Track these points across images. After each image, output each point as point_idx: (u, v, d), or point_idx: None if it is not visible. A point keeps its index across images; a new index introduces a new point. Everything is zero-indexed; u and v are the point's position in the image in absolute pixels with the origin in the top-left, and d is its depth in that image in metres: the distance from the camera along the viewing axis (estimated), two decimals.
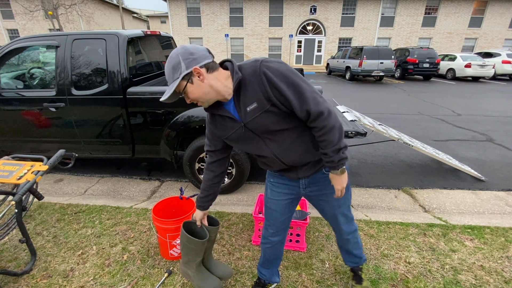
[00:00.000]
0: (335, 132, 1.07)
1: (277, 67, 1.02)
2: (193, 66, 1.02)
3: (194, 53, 1.03)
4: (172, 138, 2.71)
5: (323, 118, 1.05)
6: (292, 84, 1.02)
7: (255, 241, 2.10)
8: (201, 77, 1.04)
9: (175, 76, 1.04)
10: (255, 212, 2.11)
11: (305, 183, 1.31)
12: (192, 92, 1.07)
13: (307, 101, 1.03)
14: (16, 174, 1.78)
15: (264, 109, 1.07)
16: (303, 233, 2.01)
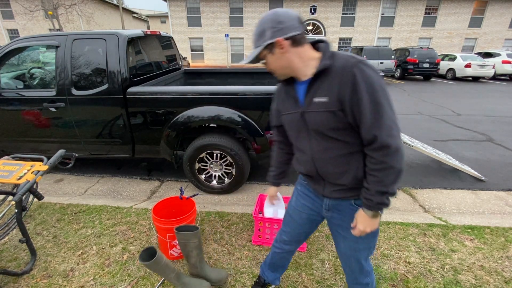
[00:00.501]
0: (392, 174, 0.94)
1: (370, 75, 0.89)
2: (277, 37, 0.94)
3: (283, 21, 0.93)
4: (172, 138, 2.71)
5: (386, 153, 0.92)
6: (376, 101, 0.89)
7: (255, 241, 2.10)
8: (283, 49, 0.96)
9: (259, 43, 0.98)
10: (255, 212, 2.11)
11: (328, 204, 1.17)
12: (270, 62, 1.02)
13: (381, 126, 0.90)
14: (16, 174, 1.78)
15: (330, 109, 0.96)
16: None
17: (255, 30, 0.99)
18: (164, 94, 2.59)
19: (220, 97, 2.55)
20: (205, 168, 2.90)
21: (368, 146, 0.95)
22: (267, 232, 2.06)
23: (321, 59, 0.97)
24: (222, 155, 2.78)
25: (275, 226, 2.02)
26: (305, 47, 0.99)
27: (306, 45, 0.99)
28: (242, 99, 2.54)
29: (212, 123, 2.66)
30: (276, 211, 2.10)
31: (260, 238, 2.10)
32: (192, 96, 2.57)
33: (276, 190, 1.52)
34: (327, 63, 0.94)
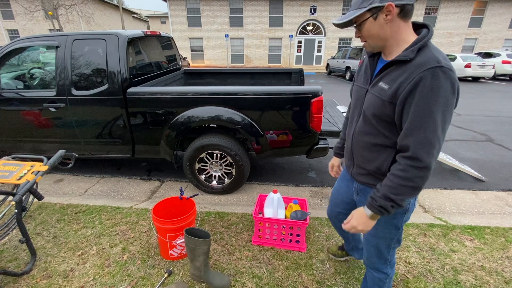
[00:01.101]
0: (408, 187, 0.92)
1: (440, 84, 0.83)
2: (389, 1, 0.87)
3: None
4: (172, 138, 2.71)
5: (415, 165, 0.89)
6: (429, 110, 0.84)
7: (255, 241, 2.10)
8: (389, 16, 0.90)
9: (364, 4, 0.91)
10: (255, 213, 2.11)
11: (357, 188, 1.23)
12: (369, 28, 0.94)
13: (419, 139, 0.87)
14: (16, 174, 1.78)
15: (384, 98, 0.95)
16: (303, 233, 2.00)
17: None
18: (164, 94, 2.59)
19: (220, 97, 2.56)
20: (205, 168, 2.90)
21: (401, 152, 0.94)
22: (267, 232, 2.06)
23: (409, 47, 0.91)
24: (222, 155, 2.78)
25: (275, 226, 2.02)
26: (409, 23, 0.94)
27: (410, 22, 0.94)
28: (242, 99, 2.54)
29: (212, 123, 2.66)
30: (276, 211, 2.10)
31: (260, 238, 2.09)
32: (192, 96, 2.57)
33: (338, 161, 1.51)
34: (409, 56, 0.90)
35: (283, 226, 2.03)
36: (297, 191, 3.04)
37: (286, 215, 2.13)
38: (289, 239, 2.05)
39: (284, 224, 2.02)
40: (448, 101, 0.84)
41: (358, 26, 0.97)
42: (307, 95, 2.47)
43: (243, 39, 21.98)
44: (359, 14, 0.91)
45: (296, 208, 2.14)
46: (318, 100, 2.47)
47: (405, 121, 0.90)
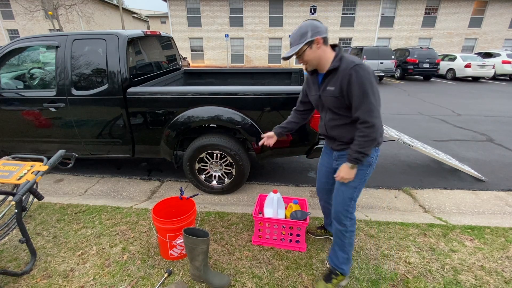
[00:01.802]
0: (368, 141, 1.37)
1: (363, 74, 1.31)
2: (317, 36, 1.36)
3: (318, 27, 1.37)
4: (172, 138, 2.71)
5: (366, 126, 1.35)
6: (363, 92, 1.32)
7: (255, 241, 2.10)
8: (318, 45, 1.39)
9: (301, 40, 1.37)
10: (255, 212, 2.11)
11: (336, 156, 1.65)
12: (307, 55, 1.41)
13: (363, 109, 1.34)
14: (16, 174, 1.78)
15: (335, 95, 1.42)
16: (303, 233, 2.01)
17: (295, 33, 1.40)
18: (164, 94, 2.59)
19: (220, 97, 2.56)
20: (205, 168, 2.90)
21: (356, 122, 1.41)
22: (267, 232, 2.06)
23: (333, 60, 1.41)
24: (222, 155, 2.78)
25: (275, 226, 2.02)
26: (328, 47, 1.43)
27: (329, 46, 1.44)
28: (242, 99, 2.54)
29: (212, 123, 2.66)
30: (276, 211, 2.10)
31: (260, 238, 2.09)
32: (192, 96, 2.57)
33: (274, 136, 1.87)
34: (336, 64, 1.39)
35: (283, 226, 2.03)
36: (297, 191, 3.04)
37: (286, 215, 2.13)
38: (289, 239, 2.04)
39: (284, 224, 2.02)
40: (371, 82, 1.32)
41: (300, 56, 1.44)
42: None
43: (243, 39, 21.98)
44: (300, 48, 1.38)
45: (296, 208, 2.14)
46: None
47: (352, 102, 1.38)
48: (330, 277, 1.69)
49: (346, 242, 1.63)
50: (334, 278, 1.68)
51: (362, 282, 1.75)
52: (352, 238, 1.64)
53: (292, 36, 1.40)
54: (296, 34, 1.39)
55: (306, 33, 1.35)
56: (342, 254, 1.66)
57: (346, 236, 1.62)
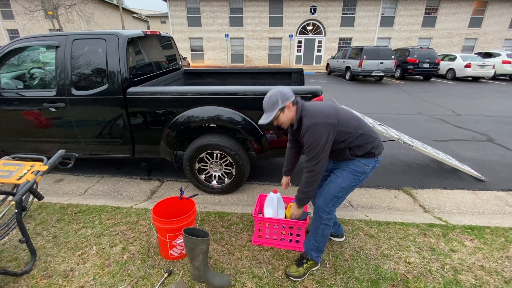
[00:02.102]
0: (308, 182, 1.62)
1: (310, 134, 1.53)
2: (286, 102, 1.58)
3: (286, 94, 1.58)
4: (172, 138, 2.71)
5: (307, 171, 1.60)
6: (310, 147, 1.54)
7: (255, 241, 2.10)
8: (289, 109, 1.60)
9: (274, 108, 1.58)
10: (255, 212, 2.11)
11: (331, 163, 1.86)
12: (281, 118, 1.62)
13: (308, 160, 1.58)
14: (16, 174, 1.78)
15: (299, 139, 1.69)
16: (303, 233, 2.01)
17: (267, 102, 1.59)
18: (164, 94, 2.59)
19: (220, 97, 2.55)
20: (205, 168, 2.90)
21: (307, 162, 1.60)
22: (267, 232, 2.06)
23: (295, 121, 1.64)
24: (222, 155, 2.78)
25: (275, 226, 2.02)
26: (295, 106, 1.63)
27: (296, 104, 1.63)
28: (242, 99, 2.54)
29: (212, 123, 2.66)
30: (276, 211, 2.09)
31: (260, 238, 2.09)
32: (192, 96, 2.57)
33: (287, 178, 2.06)
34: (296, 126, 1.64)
35: (283, 226, 2.03)
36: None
37: (286, 215, 2.13)
38: (289, 239, 2.05)
39: (284, 224, 2.02)
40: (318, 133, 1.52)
41: (275, 120, 1.63)
42: (307, 95, 2.47)
43: (243, 39, 21.97)
44: (274, 114, 1.59)
45: None
46: (318, 100, 2.47)
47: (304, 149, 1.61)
48: (302, 262, 1.83)
49: (319, 232, 1.77)
50: (305, 263, 1.82)
51: (362, 282, 1.75)
52: (325, 231, 1.77)
53: (265, 104, 1.60)
54: (269, 102, 1.58)
55: (277, 101, 1.56)
56: (313, 241, 1.80)
57: (319, 227, 1.76)
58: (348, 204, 2.79)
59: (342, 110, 1.64)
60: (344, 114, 1.61)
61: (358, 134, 1.61)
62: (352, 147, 1.63)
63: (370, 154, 1.65)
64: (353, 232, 2.25)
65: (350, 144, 1.61)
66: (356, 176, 1.68)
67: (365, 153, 1.64)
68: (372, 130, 1.67)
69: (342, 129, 1.58)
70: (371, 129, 1.68)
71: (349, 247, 2.07)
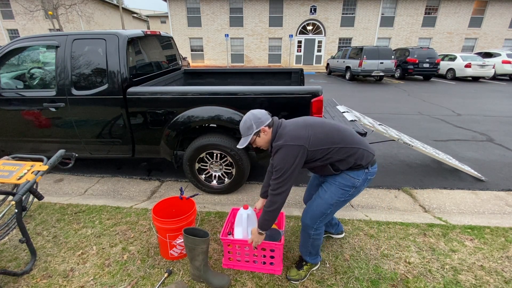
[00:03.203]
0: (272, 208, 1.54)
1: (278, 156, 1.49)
2: (261, 127, 1.55)
3: (260, 118, 1.55)
4: (172, 138, 2.71)
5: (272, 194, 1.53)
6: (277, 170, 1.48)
7: (225, 264, 1.88)
8: (265, 132, 1.57)
9: (249, 132, 1.56)
10: (223, 233, 1.89)
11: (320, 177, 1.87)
12: (258, 142, 1.61)
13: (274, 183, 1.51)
14: (16, 174, 1.78)
15: None
16: (278, 255, 1.79)
17: (242, 126, 1.57)
18: (164, 94, 2.59)
19: (220, 97, 2.55)
20: (205, 168, 2.90)
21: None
22: (238, 255, 1.84)
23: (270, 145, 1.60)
24: (222, 155, 2.78)
25: (246, 248, 1.79)
26: (271, 128, 1.58)
27: (272, 126, 1.58)
28: (242, 99, 2.54)
29: (212, 123, 2.66)
30: (247, 231, 1.86)
31: (231, 261, 1.88)
32: (192, 96, 2.57)
33: (263, 202, 1.93)
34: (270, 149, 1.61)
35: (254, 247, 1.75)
36: (297, 190, 3.04)
37: None
38: (262, 261, 1.81)
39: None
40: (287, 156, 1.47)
41: (253, 143, 1.63)
42: (307, 95, 2.47)
43: (243, 39, 21.97)
44: (250, 139, 1.57)
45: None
46: (318, 100, 2.47)
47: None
48: (301, 264, 1.82)
49: (309, 244, 1.74)
50: (305, 265, 1.82)
51: (362, 282, 1.75)
52: (316, 241, 1.73)
53: (240, 129, 1.59)
54: (243, 127, 1.57)
55: (251, 126, 1.54)
56: (304, 248, 1.79)
57: (308, 240, 1.73)
58: (348, 204, 2.79)
59: (317, 128, 1.52)
60: (318, 133, 1.50)
61: (336, 148, 1.50)
62: (333, 162, 1.53)
63: (357, 167, 1.54)
64: (353, 232, 2.25)
65: (329, 160, 1.52)
66: (345, 190, 1.57)
67: (349, 167, 1.54)
68: (355, 141, 1.54)
69: (315, 148, 1.48)
70: (355, 139, 1.55)
71: (349, 247, 2.07)
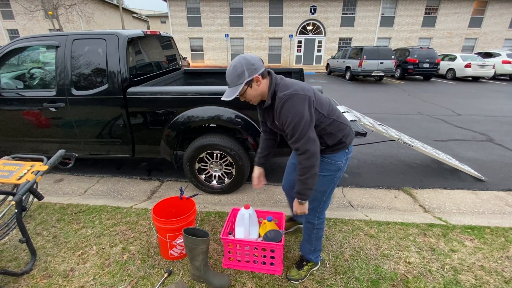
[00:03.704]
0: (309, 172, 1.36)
1: (289, 106, 1.31)
2: (254, 75, 1.33)
3: (254, 64, 1.33)
4: (172, 138, 2.71)
5: (304, 158, 1.34)
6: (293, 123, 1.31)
7: (226, 264, 1.88)
8: (258, 82, 1.36)
9: (239, 81, 1.33)
10: (224, 232, 1.87)
11: None
12: (250, 94, 1.39)
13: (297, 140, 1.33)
14: (16, 174, 1.78)
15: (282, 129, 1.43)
16: (278, 255, 1.78)
17: (231, 73, 1.33)
18: (164, 94, 2.59)
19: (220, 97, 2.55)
20: (205, 168, 2.90)
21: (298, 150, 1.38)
22: (238, 255, 1.84)
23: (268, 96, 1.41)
24: (222, 155, 2.78)
25: (246, 248, 1.79)
26: (267, 78, 1.40)
27: (267, 76, 1.40)
28: None
29: (212, 123, 2.66)
30: (248, 231, 1.88)
31: (231, 261, 1.87)
32: (192, 96, 2.57)
33: (261, 170, 1.80)
34: (268, 103, 1.42)
35: (255, 247, 1.78)
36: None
37: (260, 234, 1.93)
38: (262, 262, 1.81)
39: (256, 246, 1.77)
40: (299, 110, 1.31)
41: (242, 95, 1.41)
42: None
43: (243, 39, 21.98)
44: (240, 89, 1.34)
45: (271, 227, 1.92)
46: None
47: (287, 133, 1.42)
48: (302, 264, 1.81)
49: (313, 236, 1.73)
50: (305, 265, 1.80)
51: (362, 282, 1.75)
52: (319, 233, 1.73)
53: (228, 77, 1.34)
54: (232, 74, 1.32)
55: (242, 73, 1.31)
56: (309, 246, 1.77)
57: (313, 232, 1.72)
58: (348, 204, 2.79)
59: (317, 93, 1.46)
60: (319, 96, 1.44)
61: (331, 119, 1.44)
62: (323, 134, 1.45)
63: (340, 145, 1.49)
64: (353, 232, 2.25)
65: (322, 131, 1.44)
66: (332, 175, 1.55)
67: (335, 143, 1.47)
68: (344, 117, 1.53)
69: (318, 108, 1.39)
70: (343, 116, 1.54)
71: (349, 247, 2.07)
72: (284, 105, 1.31)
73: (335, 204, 2.80)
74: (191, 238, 1.61)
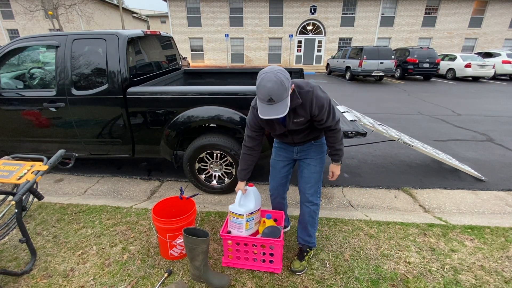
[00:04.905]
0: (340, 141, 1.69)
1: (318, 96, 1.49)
2: (291, 85, 1.42)
3: (286, 72, 1.36)
4: (172, 138, 2.71)
5: (336, 132, 1.66)
6: (326, 110, 1.53)
7: (225, 262, 1.88)
8: (291, 91, 1.44)
9: (285, 95, 1.34)
10: (224, 230, 1.89)
11: (297, 149, 1.83)
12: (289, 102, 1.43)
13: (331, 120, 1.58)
14: (16, 174, 1.78)
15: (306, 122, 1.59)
16: (277, 253, 1.77)
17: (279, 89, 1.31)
18: (164, 94, 2.59)
19: (220, 97, 2.55)
20: (205, 168, 2.90)
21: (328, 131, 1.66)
22: (237, 252, 1.84)
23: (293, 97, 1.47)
24: (222, 155, 2.78)
25: (245, 245, 1.81)
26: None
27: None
28: (242, 99, 2.54)
29: (212, 123, 2.66)
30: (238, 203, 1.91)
31: (231, 259, 1.87)
32: (192, 96, 2.57)
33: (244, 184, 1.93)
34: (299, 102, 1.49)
35: (254, 245, 1.78)
36: (297, 190, 3.04)
37: (259, 231, 1.94)
38: (261, 259, 1.80)
39: (255, 243, 1.78)
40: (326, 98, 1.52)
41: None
42: None
43: (243, 39, 21.97)
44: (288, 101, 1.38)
45: (270, 223, 1.93)
46: None
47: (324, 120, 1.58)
48: (303, 255, 1.88)
49: (316, 218, 1.86)
50: (306, 255, 1.89)
51: (362, 282, 1.75)
52: (318, 213, 1.88)
53: (275, 92, 1.30)
54: (280, 90, 1.30)
55: (289, 86, 1.34)
56: (312, 230, 1.87)
57: (317, 213, 1.85)
58: (348, 204, 2.79)
59: None
60: None
61: None
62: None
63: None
64: (353, 232, 2.25)
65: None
66: (322, 157, 1.81)
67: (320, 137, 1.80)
68: None
69: None
70: None
71: (349, 247, 2.07)
72: (316, 97, 1.47)
73: (335, 204, 2.80)
74: (191, 238, 1.61)
